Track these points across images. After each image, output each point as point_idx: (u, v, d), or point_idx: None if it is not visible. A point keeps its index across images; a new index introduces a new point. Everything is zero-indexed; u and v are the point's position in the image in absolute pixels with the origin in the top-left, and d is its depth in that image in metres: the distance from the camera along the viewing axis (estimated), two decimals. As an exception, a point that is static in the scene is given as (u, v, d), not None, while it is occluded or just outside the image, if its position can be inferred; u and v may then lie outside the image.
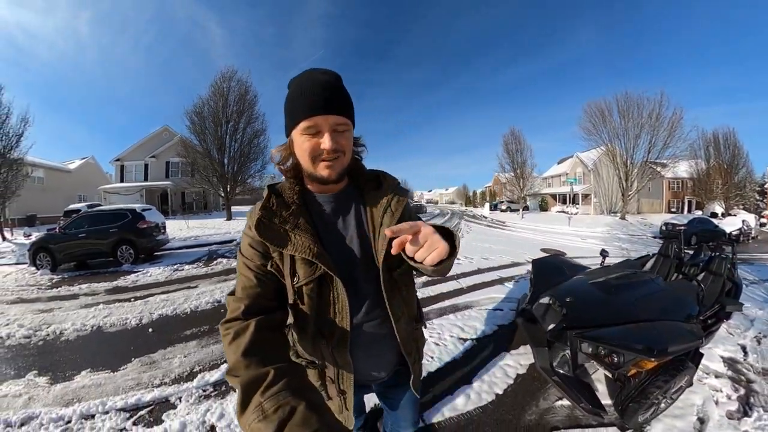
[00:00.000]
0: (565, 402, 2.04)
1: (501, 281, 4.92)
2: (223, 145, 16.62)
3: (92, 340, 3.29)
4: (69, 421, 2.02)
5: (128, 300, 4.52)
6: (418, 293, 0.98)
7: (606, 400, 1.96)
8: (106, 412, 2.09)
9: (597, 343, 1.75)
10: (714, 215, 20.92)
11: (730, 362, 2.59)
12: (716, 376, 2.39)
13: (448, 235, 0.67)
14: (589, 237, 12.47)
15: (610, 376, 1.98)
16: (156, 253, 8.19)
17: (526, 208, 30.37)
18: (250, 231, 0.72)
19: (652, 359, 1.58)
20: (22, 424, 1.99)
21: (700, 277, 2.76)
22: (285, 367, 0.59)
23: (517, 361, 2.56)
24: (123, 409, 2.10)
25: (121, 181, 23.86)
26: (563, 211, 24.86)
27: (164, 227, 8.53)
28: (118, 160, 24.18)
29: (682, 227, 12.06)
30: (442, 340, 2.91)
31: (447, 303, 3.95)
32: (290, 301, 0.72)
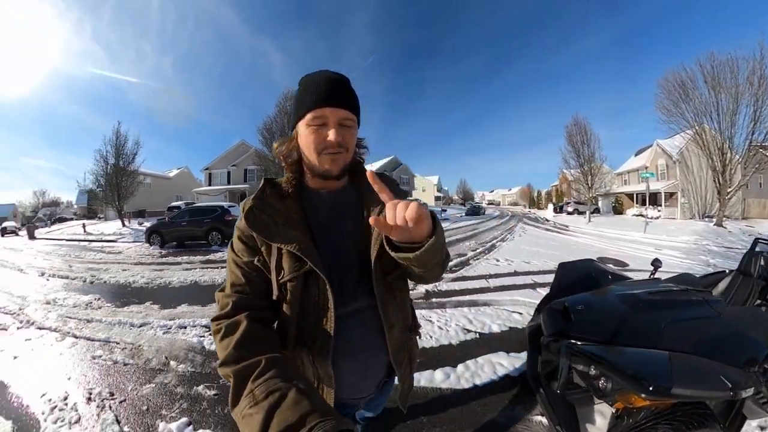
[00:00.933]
0: (544, 420, 1.86)
1: (534, 286, 4.74)
2: None
3: (191, 289, 5.14)
4: (170, 328, 3.37)
5: (216, 267, 6.71)
6: (445, 285, 1.02)
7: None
8: (194, 326, 3.40)
9: (589, 360, 1.46)
10: None
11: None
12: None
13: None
14: (667, 248, 9.78)
15: (609, 406, 1.59)
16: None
17: (596, 210, 27.09)
18: (241, 222, 0.71)
19: (643, 395, 1.22)
20: (141, 326, 3.47)
21: None
22: (277, 357, 0.58)
23: (512, 363, 2.50)
24: (206, 326, 3.31)
25: (209, 185, 30.48)
26: (641, 215, 19.92)
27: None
28: (206, 168, 31.00)
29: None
30: (446, 326, 3.17)
31: (467, 298, 4.15)
32: (274, 297, 0.70)
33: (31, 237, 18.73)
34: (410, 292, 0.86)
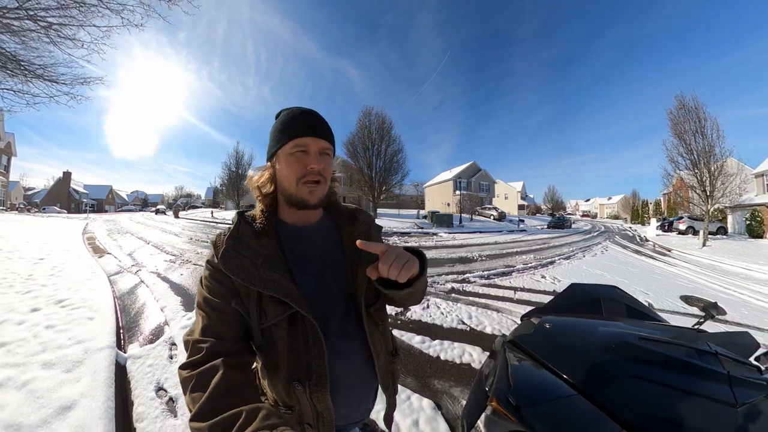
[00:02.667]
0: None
1: (562, 304, 4.79)
2: (371, 164, 22.74)
3: None
4: None
5: None
6: (471, 287, 1.24)
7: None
8: None
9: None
10: None
11: None
12: None
13: (417, 255, 0.69)
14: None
15: None
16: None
17: (721, 230, 20.64)
18: (213, 260, 0.67)
19: (494, 403, 1.10)
20: None
21: None
22: (258, 407, 0.54)
23: (481, 358, 2.73)
24: None
25: None
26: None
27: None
28: None
29: None
30: (447, 314, 3.82)
31: (483, 301, 4.53)
32: (257, 343, 0.67)
33: (176, 216, 27.56)
34: (443, 285, 1.12)
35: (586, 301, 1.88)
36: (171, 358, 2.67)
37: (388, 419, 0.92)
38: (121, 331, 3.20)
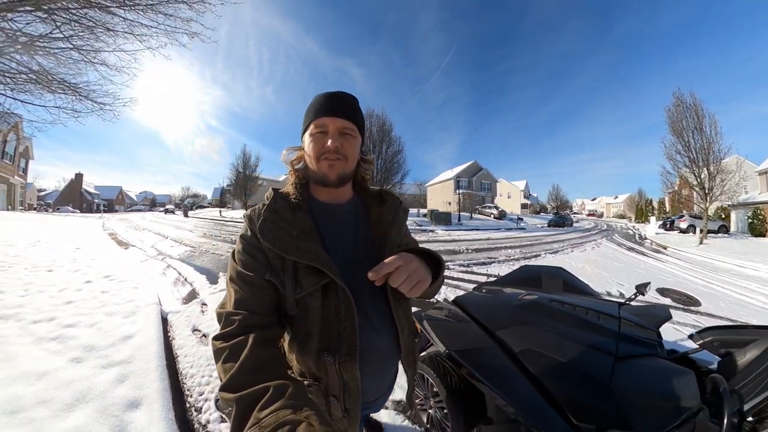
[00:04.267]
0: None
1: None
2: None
3: None
4: None
5: None
6: (457, 275, 1.69)
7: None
8: None
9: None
10: None
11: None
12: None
13: (431, 257, 0.74)
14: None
15: None
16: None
17: (723, 228, 20.14)
18: (248, 233, 0.71)
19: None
20: None
21: None
22: (285, 384, 0.57)
23: None
24: None
25: None
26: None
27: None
28: None
29: None
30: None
31: (456, 283, 5.12)
32: (291, 313, 0.69)
33: (186, 215, 28.80)
34: None
35: (529, 278, 2.10)
36: (202, 312, 3.48)
37: (410, 398, 0.95)
38: (162, 296, 4.02)
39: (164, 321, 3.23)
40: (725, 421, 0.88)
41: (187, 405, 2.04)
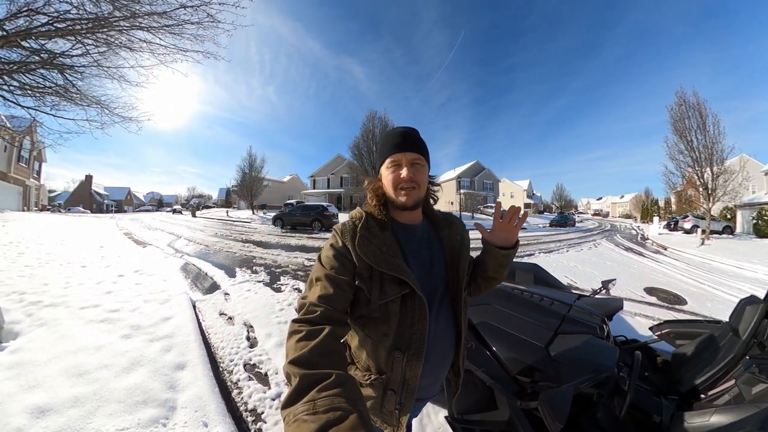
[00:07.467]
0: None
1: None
2: (375, 165, 24.46)
3: (301, 247, 9.39)
4: (291, 257, 7.27)
5: (317, 239, 11.51)
6: None
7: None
8: (296, 258, 6.96)
9: None
10: None
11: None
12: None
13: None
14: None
15: None
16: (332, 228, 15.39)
17: (728, 229, 19.65)
18: (338, 244, 0.82)
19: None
20: (276, 255, 7.63)
21: None
22: (346, 376, 0.63)
23: None
24: (308, 258, 6.59)
25: (314, 188, 40.94)
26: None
27: (337, 215, 16.83)
28: (311, 176, 42.03)
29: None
30: None
31: None
32: (373, 315, 0.79)
33: (194, 215, 29.95)
34: None
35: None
36: (226, 300, 3.99)
37: (453, 401, 1.00)
38: (189, 286, 4.51)
39: (193, 307, 3.69)
40: (629, 382, 1.15)
41: (220, 369, 2.52)
